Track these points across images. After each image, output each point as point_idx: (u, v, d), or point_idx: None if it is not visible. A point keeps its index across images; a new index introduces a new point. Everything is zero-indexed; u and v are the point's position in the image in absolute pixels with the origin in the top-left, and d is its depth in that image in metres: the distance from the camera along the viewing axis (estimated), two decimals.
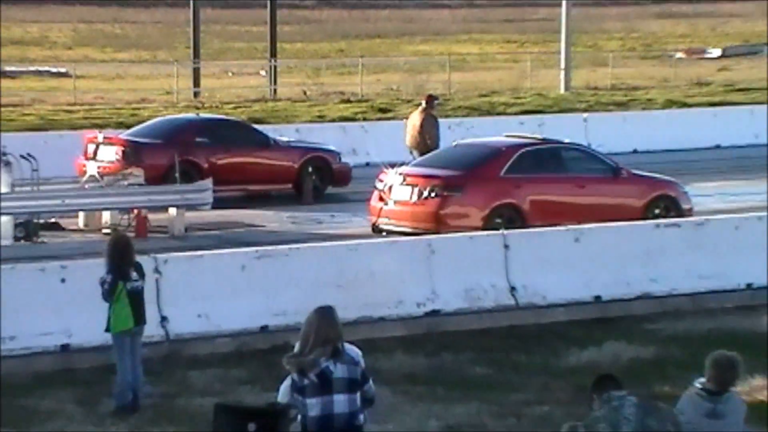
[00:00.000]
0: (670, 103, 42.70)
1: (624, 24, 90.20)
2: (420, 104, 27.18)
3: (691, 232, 19.10)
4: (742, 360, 10.27)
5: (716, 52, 66.92)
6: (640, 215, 21.27)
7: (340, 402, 9.55)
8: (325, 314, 9.68)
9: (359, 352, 9.71)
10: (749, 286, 18.43)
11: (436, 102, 27.52)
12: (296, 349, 9.71)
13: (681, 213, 21.82)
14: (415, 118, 26.39)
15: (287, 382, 9.74)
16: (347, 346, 9.69)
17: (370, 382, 9.73)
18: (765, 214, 20.66)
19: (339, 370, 9.54)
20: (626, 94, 45.73)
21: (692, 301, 17.98)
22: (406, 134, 26.41)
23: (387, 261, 17.34)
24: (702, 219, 20.45)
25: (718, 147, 33.99)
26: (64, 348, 15.28)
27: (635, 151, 31.02)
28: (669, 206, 22.07)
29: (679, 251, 18.40)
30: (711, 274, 18.33)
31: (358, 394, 9.60)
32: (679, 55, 65.01)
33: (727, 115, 37.09)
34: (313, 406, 9.54)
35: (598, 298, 17.81)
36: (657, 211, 21.83)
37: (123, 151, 25.98)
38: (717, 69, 57.88)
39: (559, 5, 49.03)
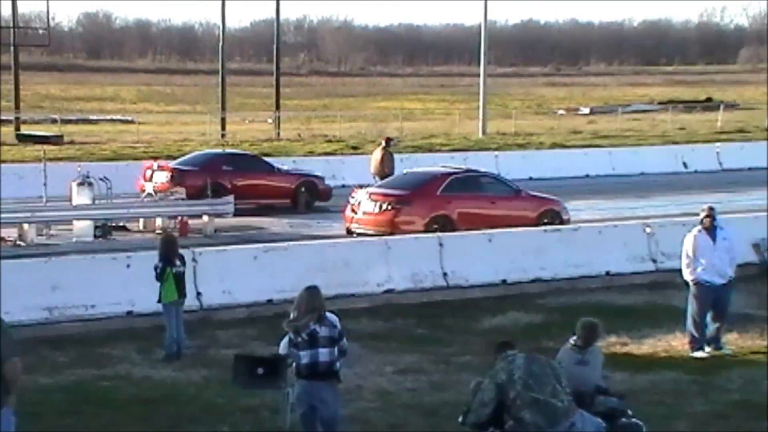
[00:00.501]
0: (554, 145, 42.74)
1: (523, 90, 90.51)
2: (381, 144, 27.15)
3: (568, 235, 19.11)
4: (601, 324, 10.33)
5: (586, 110, 67.17)
6: (534, 223, 21.23)
7: (324, 353, 9.55)
8: (311, 291, 9.71)
9: (336, 318, 9.72)
10: (608, 272, 18.44)
11: (392, 142, 27.50)
12: (291, 315, 9.71)
13: (562, 222, 21.79)
14: (377, 154, 26.36)
15: (285, 339, 9.73)
16: (328, 314, 9.69)
17: (345, 339, 9.72)
18: (620, 223, 20.79)
19: (323, 331, 9.55)
20: (524, 138, 45.83)
21: (569, 283, 17.93)
22: (370, 165, 26.38)
23: (356, 254, 17.30)
24: (576, 226, 20.50)
25: (587, 176, 34.02)
26: (129, 313, 15.18)
27: (531, 178, 31.04)
28: (554, 217, 22.00)
29: (560, 248, 18.38)
30: (581, 264, 18.32)
31: (336, 348, 9.60)
32: (561, 111, 65.23)
33: (593, 154, 37.09)
34: (305, 356, 9.54)
35: (504, 281, 17.76)
36: (545, 220, 21.76)
37: (171, 176, 25.85)
38: (587, 122, 58.08)
39: (478, 76, 49.14)
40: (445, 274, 17.43)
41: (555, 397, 8.80)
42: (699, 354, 13.66)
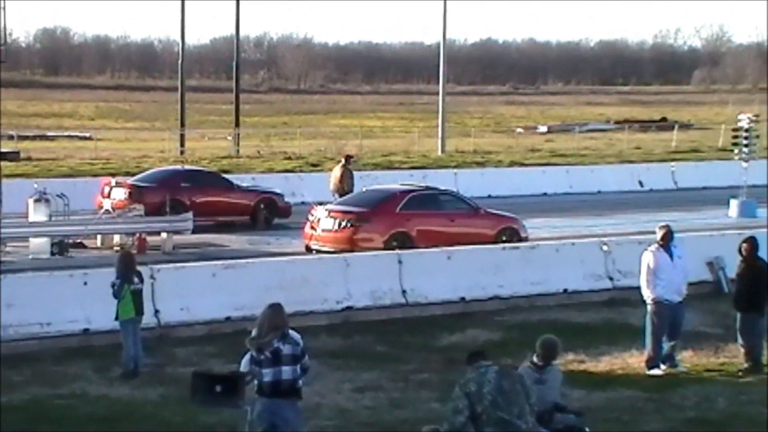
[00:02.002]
0: (513, 163, 42.92)
1: (482, 108, 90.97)
2: (340, 161, 27.12)
3: (526, 252, 19.16)
4: (560, 342, 10.35)
5: (544, 129, 67.58)
6: (492, 241, 21.29)
7: (287, 371, 9.51)
8: (275, 308, 9.68)
9: (299, 336, 9.67)
10: (565, 290, 18.52)
11: (351, 160, 27.48)
12: (254, 333, 9.65)
13: (520, 239, 21.86)
14: (337, 171, 26.32)
15: (247, 357, 9.67)
16: (291, 331, 9.64)
17: (307, 356, 9.68)
18: (578, 241, 20.89)
19: (286, 349, 9.51)
20: (483, 156, 45.99)
21: (527, 301, 17.98)
22: (330, 182, 26.34)
23: (315, 271, 17.25)
24: (534, 243, 20.57)
25: (545, 194, 34.17)
26: (86, 331, 15.03)
27: (489, 196, 31.02)
28: (512, 234, 22.06)
29: (518, 266, 18.42)
30: (539, 281, 18.37)
31: (299, 366, 9.55)
32: (519, 130, 65.57)
33: (551, 172, 37.28)
34: (267, 374, 9.49)
35: (463, 298, 17.76)
36: (504, 238, 21.82)
37: (129, 192, 25.68)
38: (544, 140, 58.42)
39: (437, 94, 49.30)
40: (404, 292, 17.41)
41: (521, 418, 8.72)
42: (655, 372, 13.74)
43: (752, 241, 14.14)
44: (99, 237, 23.26)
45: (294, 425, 9.61)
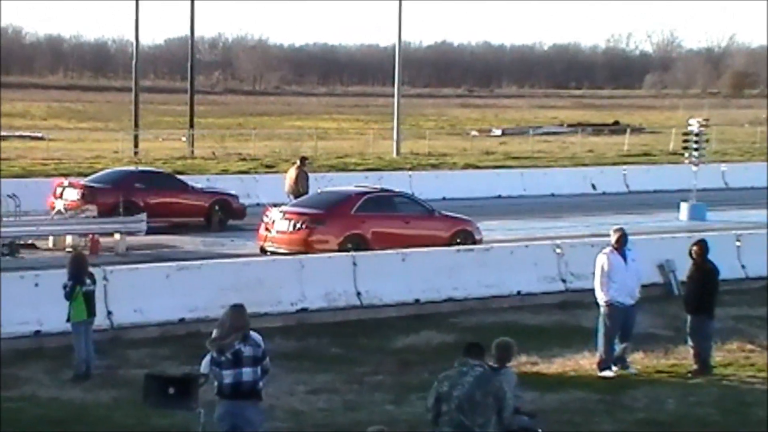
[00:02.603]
0: (467, 166, 43.00)
1: (436, 110, 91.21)
2: (296, 163, 27.05)
3: (480, 254, 19.25)
4: (514, 343, 10.39)
5: (498, 132, 67.87)
6: (447, 243, 21.32)
7: (247, 373, 9.48)
8: (237, 309, 9.66)
9: (260, 338, 9.66)
10: (519, 292, 18.60)
11: (306, 161, 27.44)
12: (215, 334, 9.61)
13: (474, 242, 21.91)
14: (292, 173, 26.27)
15: (207, 358, 9.64)
16: (252, 333, 9.62)
17: (267, 358, 9.66)
18: (531, 243, 21.01)
19: (247, 350, 9.49)
20: (438, 159, 46.09)
21: (481, 303, 18.03)
22: (285, 184, 26.26)
23: (270, 273, 17.19)
24: (489, 246, 20.65)
25: (499, 197, 34.29)
26: (37, 333, 14.87)
27: (444, 198, 31.07)
28: (466, 237, 22.09)
29: (472, 268, 18.48)
30: (493, 284, 18.44)
31: (259, 367, 9.52)
32: (474, 133, 65.77)
33: (505, 175, 37.39)
34: (228, 375, 9.46)
35: (417, 300, 17.79)
36: (458, 240, 21.85)
37: (82, 193, 25.44)
38: (499, 143, 58.65)
39: (392, 96, 49.36)
40: (358, 294, 17.40)
41: (482, 428, 8.63)
42: (606, 373, 13.85)
43: (702, 244, 14.31)
44: (51, 238, 23.02)
45: (256, 426, 9.58)
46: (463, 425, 8.64)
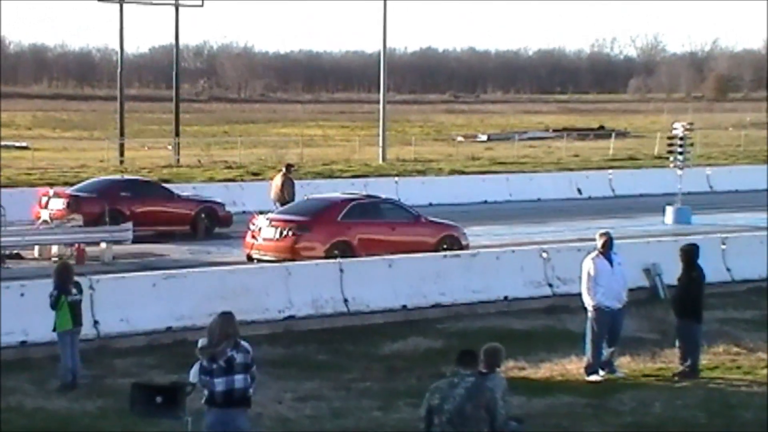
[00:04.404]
0: (453, 172, 43.08)
1: (422, 116, 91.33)
2: (281, 170, 27.04)
3: (467, 260, 19.23)
4: (502, 348, 10.38)
5: (484, 137, 67.99)
6: (433, 249, 21.33)
7: (239, 380, 9.49)
8: (226, 317, 9.67)
9: (249, 346, 9.66)
10: (506, 297, 18.61)
11: (292, 168, 27.43)
12: (203, 342, 9.59)
13: (461, 247, 21.90)
14: (278, 180, 26.25)
15: (196, 367, 9.63)
16: (241, 341, 9.63)
17: (254, 366, 9.66)
18: (518, 248, 21.03)
19: (239, 357, 9.51)
20: (424, 165, 46.14)
21: (468, 309, 18.02)
22: (271, 191, 26.24)
23: (257, 280, 17.16)
24: (475, 251, 20.64)
25: (485, 202, 34.31)
26: (23, 343, 14.77)
27: (430, 204, 31.06)
28: (453, 243, 22.10)
29: (459, 273, 18.47)
30: (480, 289, 18.43)
31: (249, 375, 9.51)
32: (459, 138, 65.89)
33: (491, 180, 37.44)
34: (220, 383, 9.45)
35: (404, 306, 17.75)
36: (445, 246, 21.85)
37: (68, 202, 25.35)
38: (485, 149, 58.76)
39: (378, 102, 49.40)
40: (345, 300, 17.38)
41: None
42: (593, 377, 13.87)
43: (693, 248, 14.33)
44: (37, 248, 22.93)
45: None
46: None
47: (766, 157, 48.82)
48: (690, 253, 14.20)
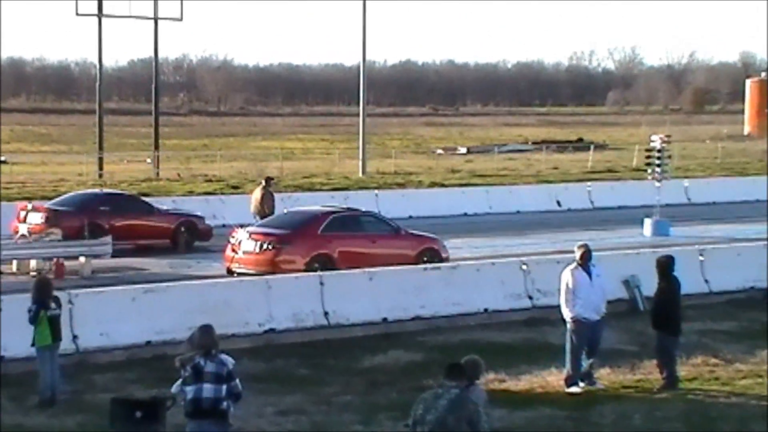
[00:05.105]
0: (433, 184, 43.09)
1: (402, 129, 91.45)
2: (261, 183, 27.02)
3: (447, 273, 19.24)
4: (482, 361, 10.40)
5: (463, 150, 68.12)
6: (414, 261, 21.32)
7: (208, 389, 9.52)
8: (204, 329, 9.80)
9: (231, 359, 9.71)
10: (486, 310, 18.62)
11: (272, 182, 27.40)
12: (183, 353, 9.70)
13: (441, 260, 21.90)
14: (257, 193, 26.20)
15: (179, 380, 9.68)
16: (222, 355, 9.67)
17: (237, 381, 9.66)
18: (498, 260, 21.05)
19: (209, 366, 9.57)
20: (404, 178, 46.16)
21: (448, 321, 18.01)
22: (251, 204, 26.20)
23: (237, 294, 17.12)
24: (455, 264, 20.66)
25: (465, 214, 34.34)
26: (1, 359, 14.65)
27: (410, 217, 31.07)
28: (433, 255, 22.09)
29: (439, 286, 18.47)
30: (460, 301, 18.44)
31: (224, 387, 9.52)
32: (439, 151, 66.01)
33: (471, 193, 37.51)
34: (190, 391, 9.52)
35: (385, 319, 17.75)
36: (425, 258, 21.83)
37: (46, 216, 25.24)
38: (464, 161, 58.87)
39: (358, 115, 49.44)
40: (326, 313, 17.36)
41: None
42: (574, 389, 13.89)
43: (669, 260, 14.39)
44: (15, 262, 22.79)
45: None
46: None
47: (743, 169, 49.08)
48: (665, 265, 14.26)
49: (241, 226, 22.68)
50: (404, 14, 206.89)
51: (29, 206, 26.12)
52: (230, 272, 21.28)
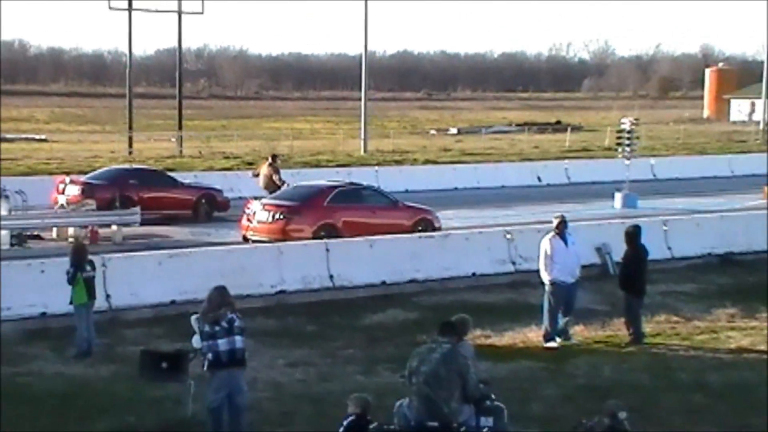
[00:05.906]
0: (427, 161, 43.02)
1: (399, 112, 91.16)
2: (267, 160, 26.89)
3: (439, 241, 19.25)
4: (470, 319, 10.44)
5: (454, 131, 67.97)
6: (409, 231, 21.31)
7: (239, 341, 9.61)
8: (220, 290, 9.79)
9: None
10: (474, 274, 18.63)
11: (277, 158, 27.28)
12: (205, 308, 9.66)
13: (434, 229, 21.88)
14: (265, 169, 26.12)
15: (197, 336, 9.66)
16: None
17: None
18: (485, 230, 21.07)
19: (238, 321, 9.55)
20: (401, 156, 46.07)
21: (440, 284, 18.04)
22: (259, 180, 26.11)
23: (251, 259, 17.14)
24: (447, 233, 20.65)
25: (456, 189, 34.28)
26: (43, 315, 14.73)
27: (407, 191, 30.87)
28: (427, 225, 22.06)
29: (432, 253, 18.49)
30: (451, 266, 18.46)
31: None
32: (433, 132, 65.86)
33: (461, 170, 37.37)
34: (224, 344, 9.53)
35: (384, 282, 17.75)
36: (420, 228, 21.82)
37: (82, 189, 25.22)
38: (455, 141, 58.74)
39: (360, 100, 49.30)
40: (331, 277, 17.38)
41: (446, 402, 8.60)
42: (551, 345, 13.95)
43: (636, 229, 14.42)
44: (54, 229, 22.84)
45: (246, 394, 9.64)
46: (429, 397, 8.64)
47: (702, 148, 48.98)
48: (632, 234, 14.28)
49: (256, 198, 22.65)
50: (402, 8, 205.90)
51: (67, 180, 26.12)
52: (246, 239, 21.29)
